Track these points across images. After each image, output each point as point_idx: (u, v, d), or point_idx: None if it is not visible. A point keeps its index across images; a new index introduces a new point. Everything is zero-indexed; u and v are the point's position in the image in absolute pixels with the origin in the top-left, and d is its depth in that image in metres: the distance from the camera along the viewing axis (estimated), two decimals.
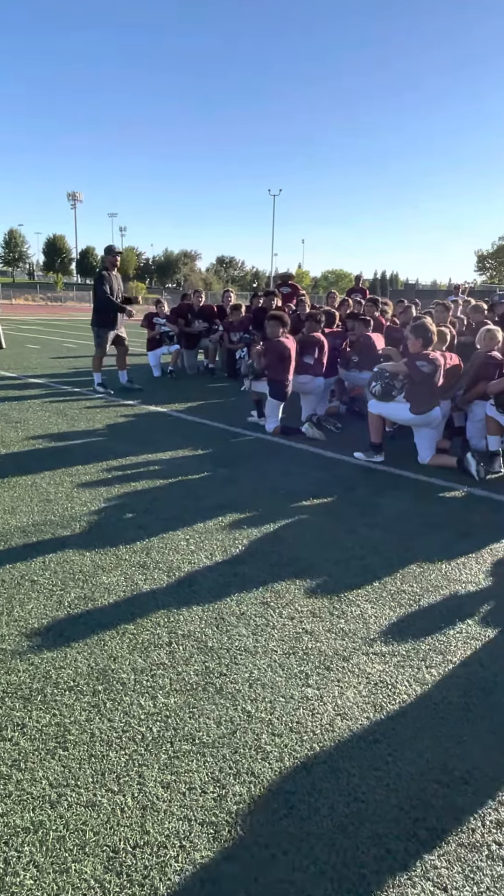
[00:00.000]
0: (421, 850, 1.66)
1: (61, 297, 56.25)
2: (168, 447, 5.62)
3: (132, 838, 1.65)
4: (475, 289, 35.34)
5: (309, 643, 2.60)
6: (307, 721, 2.14)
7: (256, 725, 2.10)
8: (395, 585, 3.15)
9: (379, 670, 2.44)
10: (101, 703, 2.18)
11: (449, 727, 2.14)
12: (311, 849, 1.65)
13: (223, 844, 1.65)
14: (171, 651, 2.50)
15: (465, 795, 1.85)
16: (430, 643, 2.64)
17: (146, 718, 2.11)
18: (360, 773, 1.92)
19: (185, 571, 3.20)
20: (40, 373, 10.00)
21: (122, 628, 2.65)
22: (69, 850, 1.61)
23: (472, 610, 2.94)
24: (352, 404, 7.74)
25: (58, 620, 2.69)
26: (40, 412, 6.90)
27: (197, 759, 1.94)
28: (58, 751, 1.95)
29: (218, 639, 2.60)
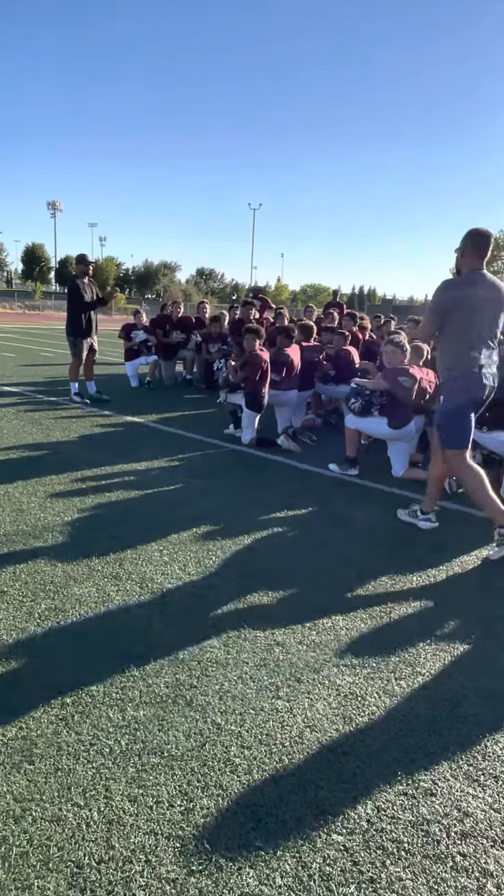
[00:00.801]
0: (387, 861, 1.67)
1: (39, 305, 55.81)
2: (143, 458, 5.60)
3: (97, 853, 1.64)
4: None
5: (280, 655, 2.61)
6: (277, 733, 2.14)
7: (226, 738, 2.10)
8: (366, 597, 3.18)
9: (349, 682, 2.45)
10: (69, 716, 2.15)
11: (416, 739, 2.16)
12: (278, 862, 1.64)
13: (189, 858, 1.64)
14: (141, 663, 2.48)
15: (432, 807, 1.87)
16: (400, 655, 2.67)
17: (115, 731, 2.09)
18: (328, 786, 1.92)
19: (158, 583, 3.18)
20: (16, 381, 9.91)
21: (93, 640, 2.62)
22: (32, 866, 1.58)
23: (442, 623, 2.97)
24: (328, 417, 7.81)
25: (27, 632, 2.65)
26: (14, 421, 6.83)
27: (165, 772, 1.93)
28: (23, 764, 1.92)
29: (189, 650, 2.59)
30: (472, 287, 3.77)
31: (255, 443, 6.31)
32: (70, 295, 8.00)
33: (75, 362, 8.21)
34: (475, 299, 3.75)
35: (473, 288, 3.77)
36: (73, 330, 8.04)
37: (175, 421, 7.43)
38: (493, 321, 3.82)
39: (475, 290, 3.76)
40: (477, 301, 3.75)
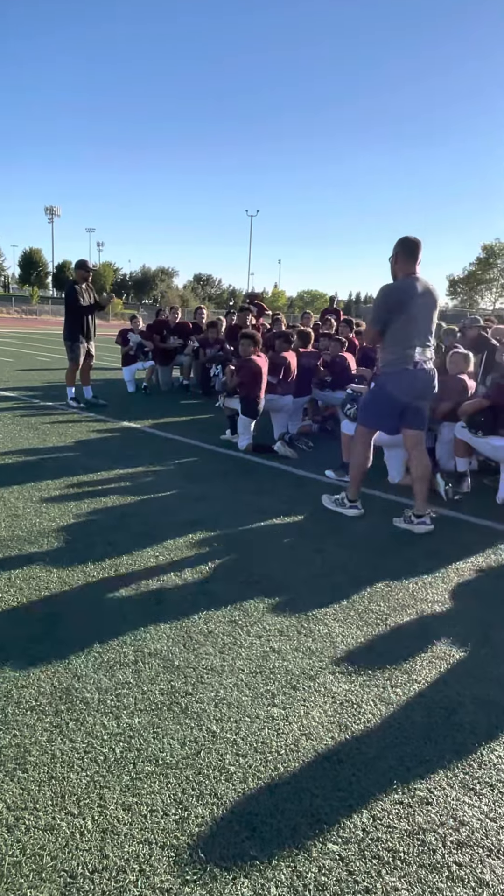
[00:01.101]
0: (383, 871, 1.66)
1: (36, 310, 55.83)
2: (140, 463, 5.59)
3: (91, 863, 1.62)
4: (447, 313, 36.09)
5: (276, 662, 2.60)
6: (272, 741, 2.13)
7: (221, 746, 2.09)
8: (362, 604, 3.17)
9: (345, 690, 2.44)
10: (64, 724, 2.14)
11: (412, 747, 2.15)
12: (273, 872, 1.63)
13: (184, 868, 1.63)
14: (136, 670, 2.47)
15: (428, 816, 1.86)
16: (395, 663, 2.66)
17: (109, 739, 2.08)
18: (324, 794, 1.91)
19: (154, 589, 3.17)
20: (12, 385, 9.90)
21: (88, 647, 2.61)
22: (25, 876, 1.57)
23: (437, 629, 2.97)
24: (324, 423, 7.81)
25: (21, 638, 2.64)
26: (11, 426, 6.82)
27: (160, 781, 1.92)
28: (17, 772, 1.91)
29: (184, 657, 2.58)
30: (407, 291, 4.11)
31: (252, 449, 6.31)
32: (68, 299, 8.01)
33: (72, 367, 8.20)
34: (411, 302, 4.09)
35: (409, 291, 4.10)
36: (70, 335, 8.04)
37: (171, 426, 7.42)
38: (428, 321, 4.19)
39: (411, 293, 4.10)
40: (413, 304, 4.09)
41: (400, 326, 4.13)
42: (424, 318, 4.15)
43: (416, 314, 4.11)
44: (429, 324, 4.19)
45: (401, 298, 4.11)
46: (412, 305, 4.09)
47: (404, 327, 4.12)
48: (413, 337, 4.13)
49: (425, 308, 4.13)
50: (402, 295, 4.11)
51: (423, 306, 4.12)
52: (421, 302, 4.11)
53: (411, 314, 4.10)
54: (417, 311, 4.10)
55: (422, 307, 4.12)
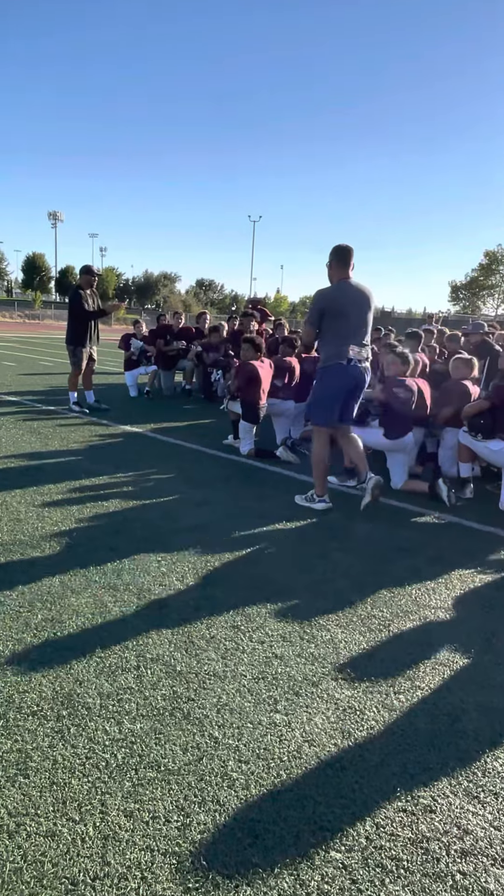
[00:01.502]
0: (386, 880, 1.65)
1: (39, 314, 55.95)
2: (142, 468, 5.59)
3: (92, 869, 1.61)
4: (449, 318, 36.13)
5: (278, 668, 2.59)
6: (274, 747, 2.12)
7: (223, 752, 2.08)
8: (365, 610, 3.16)
9: (348, 696, 2.43)
10: (66, 729, 2.13)
11: (416, 754, 2.14)
12: (276, 880, 1.62)
13: (186, 875, 1.62)
14: (138, 675, 2.46)
15: (431, 824, 1.85)
16: (399, 669, 2.65)
17: (111, 745, 2.07)
18: (327, 802, 1.90)
19: (156, 594, 3.17)
20: (15, 390, 9.91)
21: (90, 652, 2.60)
22: (26, 883, 1.56)
23: (441, 636, 2.96)
24: None
25: (24, 643, 2.63)
26: (13, 430, 6.83)
27: (161, 787, 1.91)
28: (18, 778, 1.90)
29: (187, 663, 2.57)
30: (340, 294, 4.46)
31: (254, 454, 6.31)
32: (71, 304, 8.02)
33: (74, 372, 8.21)
34: (344, 304, 4.43)
35: (342, 295, 4.46)
36: (73, 339, 8.05)
37: (174, 431, 7.43)
38: (362, 321, 4.49)
39: (343, 296, 4.45)
40: (346, 306, 4.43)
41: (335, 326, 4.45)
42: (358, 318, 4.47)
43: (350, 315, 4.44)
44: (363, 324, 4.49)
45: (335, 301, 4.44)
46: (346, 307, 4.43)
47: (339, 327, 4.44)
48: (348, 336, 4.44)
49: (358, 309, 4.46)
50: (336, 298, 4.45)
51: (356, 308, 4.46)
52: (354, 304, 4.45)
53: (345, 315, 4.43)
54: (351, 312, 4.44)
55: (355, 308, 4.45)
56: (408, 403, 5.23)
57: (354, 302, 4.46)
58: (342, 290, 4.48)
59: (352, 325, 4.45)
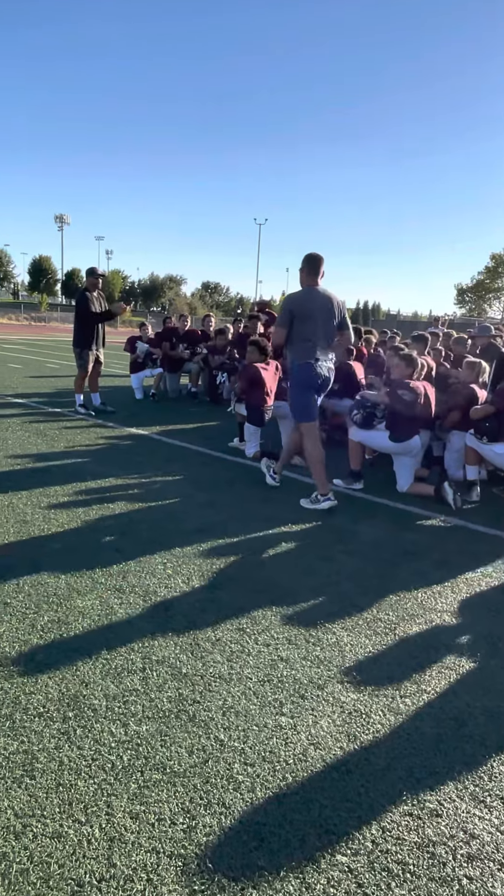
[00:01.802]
0: (392, 884, 1.64)
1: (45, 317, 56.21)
2: (148, 470, 5.60)
3: (98, 871, 1.61)
4: (455, 321, 36.06)
5: (284, 671, 2.59)
6: (280, 750, 2.12)
7: (229, 754, 2.08)
8: (371, 613, 3.16)
9: (353, 699, 2.43)
10: (72, 730, 2.13)
11: (422, 758, 2.13)
12: (281, 883, 1.62)
13: (191, 878, 1.61)
14: (144, 677, 2.47)
15: (438, 828, 1.84)
16: (404, 673, 2.64)
17: (117, 746, 2.08)
18: (333, 805, 1.90)
19: (162, 596, 3.17)
20: (21, 392, 9.95)
21: (96, 653, 2.61)
22: (32, 884, 1.56)
23: (447, 639, 2.95)
24: (332, 432, 7.80)
25: (30, 644, 2.64)
26: (20, 432, 6.85)
27: (167, 789, 1.91)
28: (24, 779, 1.91)
29: (192, 665, 2.58)
30: (309, 299, 4.78)
31: (260, 456, 6.30)
32: (78, 307, 8.05)
33: (81, 374, 8.24)
34: (312, 309, 4.75)
35: (310, 300, 4.78)
36: (79, 342, 8.08)
37: (179, 433, 7.44)
38: (327, 324, 4.80)
39: (310, 301, 4.77)
40: (313, 310, 4.75)
41: (303, 329, 4.77)
42: (324, 321, 4.79)
43: (317, 318, 4.76)
44: (328, 326, 4.82)
45: (303, 305, 4.77)
46: (313, 311, 4.75)
47: (306, 330, 4.77)
48: (315, 337, 4.77)
49: (325, 313, 4.78)
50: (305, 302, 4.79)
51: (322, 312, 4.77)
52: (321, 308, 4.77)
53: (313, 318, 4.75)
54: (318, 316, 4.76)
55: (321, 313, 4.77)
56: (412, 406, 5.21)
57: (321, 307, 4.77)
58: (310, 295, 4.80)
59: (318, 327, 4.76)
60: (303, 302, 4.79)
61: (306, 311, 4.75)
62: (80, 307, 8.00)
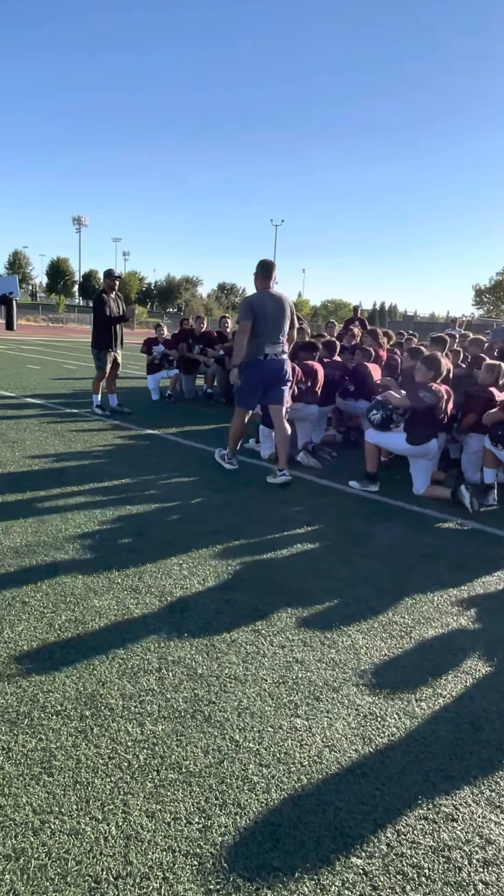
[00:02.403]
0: (407, 887, 1.64)
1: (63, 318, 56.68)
2: (164, 471, 5.63)
3: (115, 868, 1.63)
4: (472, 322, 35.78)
5: (299, 673, 2.59)
6: (295, 752, 2.12)
7: (244, 755, 2.09)
8: (386, 616, 3.15)
9: (369, 702, 2.43)
10: (88, 729, 2.16)
11: (438, 762, 2.13)
12: (296, 884, 1.63)
13: (207, 877, 1.63)
14: (160, 677, 2.49)
15: (453, 832, 1.84)
16: (420, 676, 2.63)
17: (133, 745, 2.10)
18: (348, 808, 1.90)
19: (178, 597, 3.19)
20: (39, 393, 10.05)
21: (112, 653, 2.63)
22: (50, 879, 1.59)
23: (463, 643, 2.94)
24: (348, 434, 7.79)
25: (47, 643, 2.67)
26: (38, 432, 6.92)
27: (183, 789, 1.92)
28: (43, 776, 1.93)
29: (208, 666, 2.59)
30: (261, 302, 5.46)
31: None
32: (96, 309, 8.11)
33: (99, 375, 8.30)
34: (264, 310, 5.42)
35: (262, 302, 5.45)
36: (97, 343, 8.14)
37: (195, 434, 7.47)
38: (278, 323, 5.49)
39: (263, 303, 5.45)
40: (266, 311, 5.42)
41: (256, 328, 5.39)
42: (275, 320, 5.46)
43: (268, 318, 5.42)
44: (279, 325, 5.50)
45: (255, 306, 5.41)
46: (266, 311, 5.41)
47: (258, 328, 5.40)
48: (265, 335, 5.43)
49: (277, 312, 5.46)
50: (258, 304, 5.43)
51: (274, 311, 5.45)
52: (273, 308, 5.45)
53: (265, 318, 5.41)
54: (269, 316, 5.42)
55: (273, 312, 5.44)
56: (434, 409, 5.18)
57: (274, 306, 5.47)
58: (263, 297, 5.50)
59: (269, 326, 5.44)
60: (257, 304, 5.44)
61: (260, 312, 5.40)
62: (95, 310, 8.07)
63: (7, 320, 6.11)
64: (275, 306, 5.46)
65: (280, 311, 5.48)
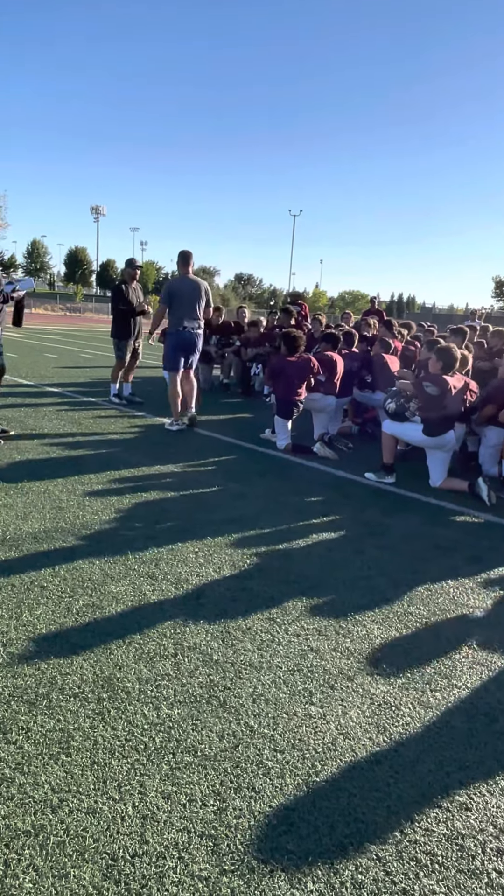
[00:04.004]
0: (420, 874, 1.65)
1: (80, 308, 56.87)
2: (180, 460, 5.66)
3: (131, 847, 1.66)
4: (492, 314, 35.38)
5: (314, 661, 2.60)
6: (309, 739, 2.14)
7: (259, 741, 2.11)
8: (402, 607, 3.15)
9: (383, 692, 2.43)
10: (105, 711, 2.19)
11: (452, 752, 2.13)
12: (310, 867, 1.64)
13: (222, 858, 1.65)
14: (176, 662, 2.51)
15: (467, 821, 1.84)
16: (435, 667, 2.64)
17: (149, 728, 2.12)
18: (361, 794, 1.91)
19: (193, 584, 3.21)
20: (56, 381, 10.11)
21: (129, 638, 2.66)
22: (69, 856, 1.62)
23: (478, 635, 2.93)
24: (364, 425, 7.76)
25: (65, 627, 2.71)
26: (55, 420, 6.98)
27: (198, 772, 1.95)
28: (61, 756, 1.96)
29: (223, 652, 2.61)
30: (179, 285, 6.79)
31: (291, 449, 6.31)
32: (114, 298, 8.15)
33: (118, 364, 8.34)
34: (182, 291, 6.74)
35: (180, 285, 6.78)
36: (116, 333, 8.17)
37: (211, 424, 7.48)
38: (194, 303, 6.77)
39: (181, 286, 6.77)
40: (183, 293, 6.74)
41: (175, 306, 6.74)
42: (191, 300, 6.75)
43: (185, 299, 6.73)
44: (194, 304, 6.77)
45: (173, 290, 6.77)
46: (183, 293, 6.74)
47: (177, 307, 6.74)
48: (183, 312, 6.73)
49: (192, 293, 6.76)
50: (177, 287, 6.77)
51: (189, 293, 6.75)
52: (190, 290, 6.75)
53: (182, 299, 6.73)
54: (186, 297, 6.73)
55: (189, 293, 6.75)
56: (436, 400, 5.11)
57: (191, 289, 6.76)
58: (182, 281, 6.80)
59: (185, 305, 6.71)
60: (176, 287, 6.76)
61: (178, 294, 6.72)
62: (116, 299, 8.10)
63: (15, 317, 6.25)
64: (191, 290, 6.74)
65: (196, 293, 6.75)
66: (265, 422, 7.08)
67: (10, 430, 6.16)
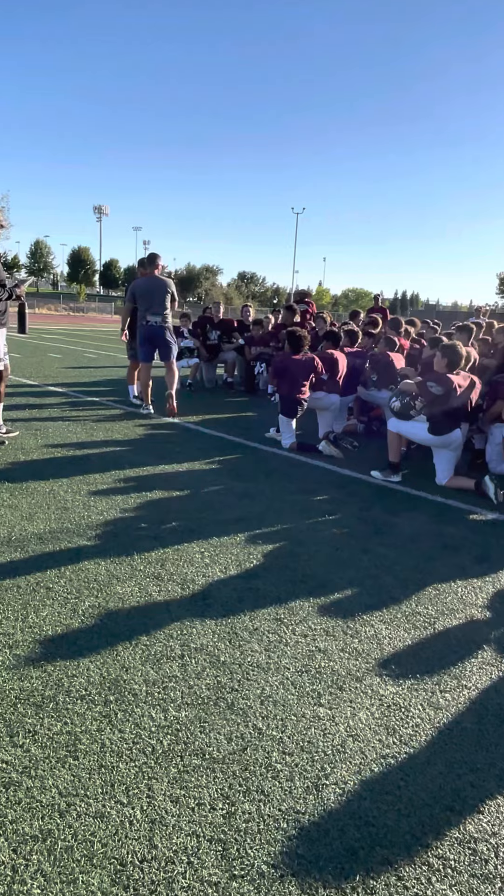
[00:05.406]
0: (433, 878, 1.63)
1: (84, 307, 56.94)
2: (185, 459, 5.64)
3: (140, 852, 1.64)
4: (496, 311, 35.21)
5: (322, 662, 2.58)
6: (318, 741, 2.12)
7: (267, 743, 2.09)
8: (409, 607, 3.12)
9: (392, 693, 2.41)
10: (113, 714, 2.17)
11: (463, 754, 2.11)
12: (320, 872, 1.62)
13: (231, 862, 1.63)
14: (183, 664, 2.49)
15: (479, 825, 1.82)
16: (444, 667, 2.61)
17: (157, 731, 2.10)
18: (371, 797, 1.89)
19: (200, 584, 3.19)
20: (60, 381, 10.11)
21: (135, 639, 2.65)
22: (77, 861, 1.60)
23: (487, 635, 2.90)
24: (370, 423, 7.72)
25: (71, 628, 2.69)
26: (59, 420, 6.97)
27: (206, 775, 1.93)
28: (68, 759, 1.95)
29: (230, 653, 2.59)
30: (145, 283, 7.51)
31: (296, 447, 6.29)
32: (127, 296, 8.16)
33: (132, 364, 8.34)
34: (147, 289, 7.46)
35: (146, 283, 7.50)
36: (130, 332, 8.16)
37: (216, 423, 7.46)
38: (159, 299, 7.43)
39: (145, 286, 7.49)
40: (148, 291, 7.46)
41: (141, 303, 7.48)
42: (155, 297, 7.42)
43: (151, 296, 7.42)
44: (160, 301, 7.42)
45: (137, 289, 7.54)
46: (148, 291, 7.45)
47: (142, 303, 7.47)
48: (148, 308, 7.43)
49: (157, 290, 7.44)
50: (140, 287, 7.53)
51: (154, 290, 7.43)
52: (154, 289, 7.44)
53: (147, 296, 7.43)
54: (151, 295, 7.42)
55: (154, 290, 7.43)
56: (440, 400, 5.08)
57: (155, 288, 7.44)
58: (148, 280, 7.50)
59: (151, 302, 7.41)
60: (142, 286, 7.48)
61: (143, 292, 7.44)
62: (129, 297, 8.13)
63: (20, 324, 6.49)
64: (156, 287, 7.44)
65: (160, 291, 7.44)
66: (270, 421, 7.06)
67: (15, 430, 6.15)
